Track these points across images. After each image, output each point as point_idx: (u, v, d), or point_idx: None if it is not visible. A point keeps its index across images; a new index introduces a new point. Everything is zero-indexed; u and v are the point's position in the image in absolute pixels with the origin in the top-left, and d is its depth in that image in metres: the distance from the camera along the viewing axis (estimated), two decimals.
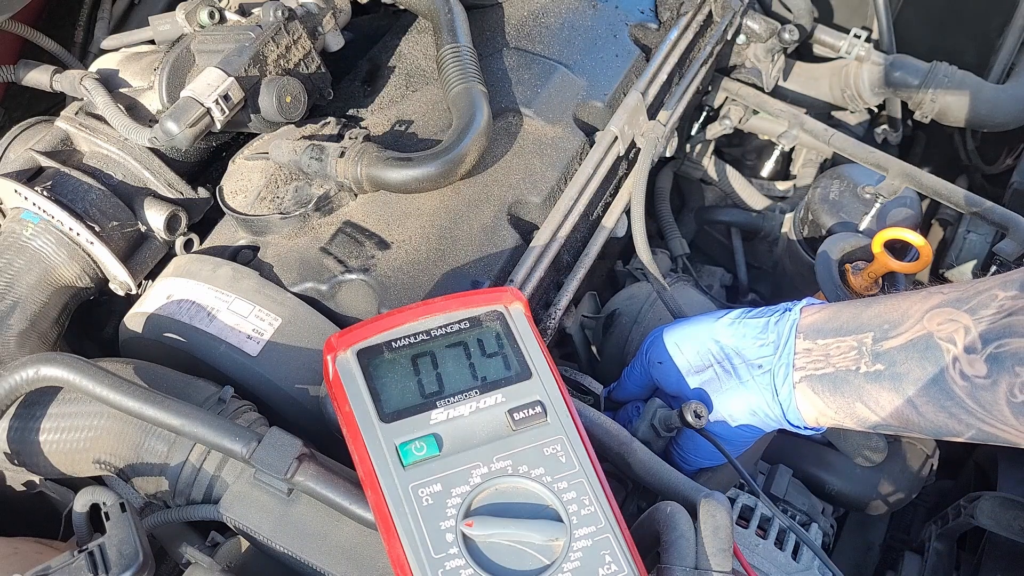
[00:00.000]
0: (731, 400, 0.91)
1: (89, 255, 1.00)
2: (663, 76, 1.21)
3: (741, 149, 1.79)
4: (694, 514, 0.76)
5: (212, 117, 0.93)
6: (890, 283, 1.19)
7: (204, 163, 1.15)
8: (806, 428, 0.91)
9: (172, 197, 1.07)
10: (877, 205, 1.37)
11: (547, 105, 1.12)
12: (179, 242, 1.07)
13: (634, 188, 1.13)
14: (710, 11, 1.34)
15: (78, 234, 0.98)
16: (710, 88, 1.55)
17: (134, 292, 1.04)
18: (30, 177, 1.02)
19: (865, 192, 1.40)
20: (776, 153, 1.74)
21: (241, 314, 0.93)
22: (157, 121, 0.95)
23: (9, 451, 0.83)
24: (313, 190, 1.01)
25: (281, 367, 0.91)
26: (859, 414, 0.85)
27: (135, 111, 1.04)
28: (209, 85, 0.93)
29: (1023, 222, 1.26)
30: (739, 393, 0.91)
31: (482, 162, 1.04)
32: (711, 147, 1.67)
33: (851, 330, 0.85)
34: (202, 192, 1.10)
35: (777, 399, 0.88)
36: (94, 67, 1.11)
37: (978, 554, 1.21)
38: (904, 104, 1.67)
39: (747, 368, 0.91)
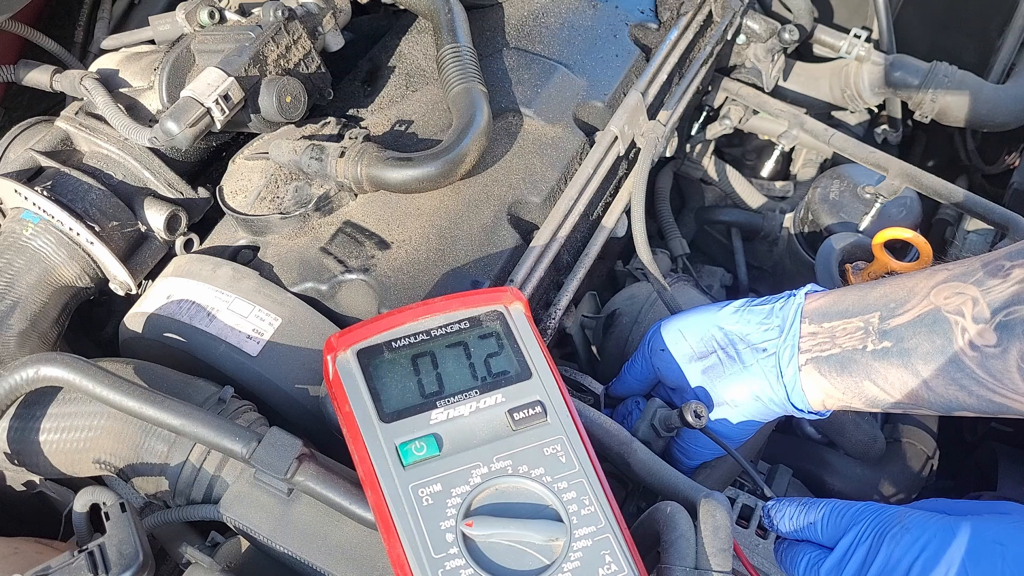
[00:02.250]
0: (734, 385, 0.91)
1: (89, 255, 1.00)
2: (663, 76, 1.21)
3: (741, 149, 1.79)
4: (694, 514, 0.76)
5: (212, 117, 0.93)
6: None
7: (204, 163, 1.15)
8: (811, 412, 0.91)
9: (172, 197, 1.07)
10: (877, 205, 1.37)
11: (547, 105, 1.12)
12: (179, 242, 1.07)
13: (634, 188, 1.13)
14: (710, 11, 1.34)
15: (78, 234, 0.98)
16: (710, 88, 1.55)
17: (134, 292, 1.04)
18: (30, 177, 1.02)
19: (865, 192, 1.40)
20: (776, 153, 1.74)
21: (241, 314, 0.93)
22: (157, 121, 0.95)
23: (9, 451, 0.84)
24: (313, 190, 1.01)
25: (281, 367, 0.91)
26: (868, 393, 0.85)
27: (135, 111, 1.04)
28: (209, 85, 0.93)
29: (1023, 222, 1.26)
30: (742, 378, 0.91)
31: (482, 162, 1.04)
32: (711, 147, 1.67)
33: (857, 311, 0.85)
34: (202, 192, 1.10)
35: (781, 381, 0.88)
36: (94, 67, 1.11)
37: None
38: (904, 104, 1.67)
39: (751, 352, 0.91)
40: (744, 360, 0.91)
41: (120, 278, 1.03)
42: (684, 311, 1.00)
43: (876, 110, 1.74)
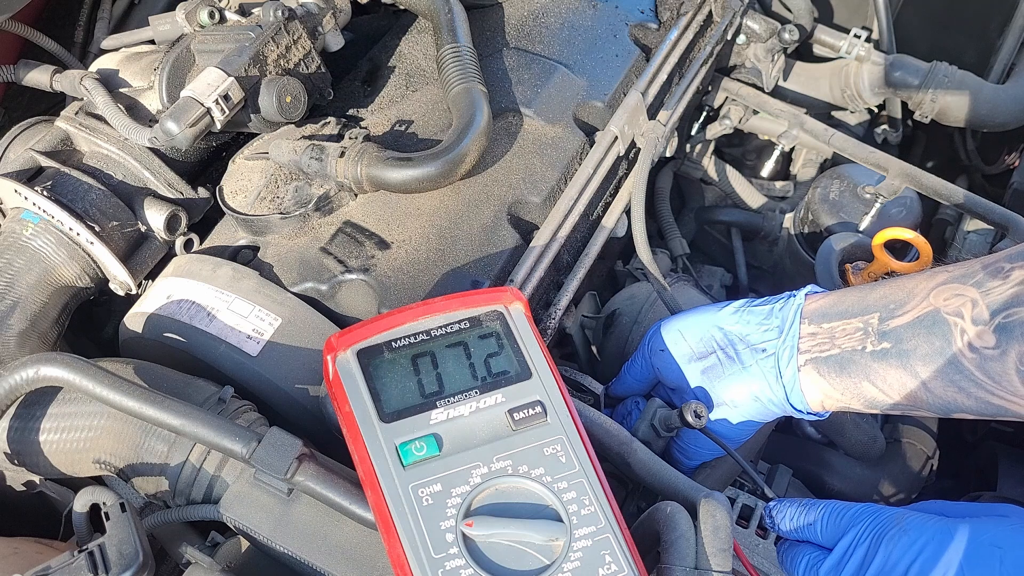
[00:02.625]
0: (733, 385, 0.91)
1: (89, 255, 1.00)
2: (663, 76, 1.21)
3: (741, 149, 1.79)
4: (694, 514, 0.76)
5: (212, 117, 0.93)
6: None
7: (204, 163, 1.15)
8: (810, 413, 0.91)
9: (172, 197, 1.07)
10: (877, 205, 1.37)
11: (547, 105, 1.12)
12: (179, 242, 1.07)
13: (634, 188, 1.13)
14: (710, 11, 1.34)
15: (78, 234, 0.98)
16: (710, 88, 1.55)
17: (134, 292, 1.04)
18: (30, 177, 1.02)
19: (865, 192, 1.40)
20: (776, 153, 1.74)
21: (241, 314, 0.93)
22: (157, 121, 0.95)
23: (9, 451, 0.83)
24: (313, 190, 1.01)
25: (281, 367, 0.91)
26: (866, 394, 0.85)
27: (135, 111, 1.04)
28: (209, 85, 0.93)
29: (1023, 222, 1.27)
30: (741, 378, 0.91)
31: (482, 162, 1.04)
32: (711, 147, 1.67)
33: (856, 312, 0.85)
34: (202, 192, 1.10)
35: (780, 382, 0.88)
36: (94, 67, 1.11)
37: None
38: (904, 104, 1.67)
39: (750, 352, 0.91)
40: (743, 360, 0.91)
41: (120, 278, 1.03)
42: (684, 311, 1.00)
43: (876, 110, 1.74)
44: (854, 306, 0.86)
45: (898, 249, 1.23)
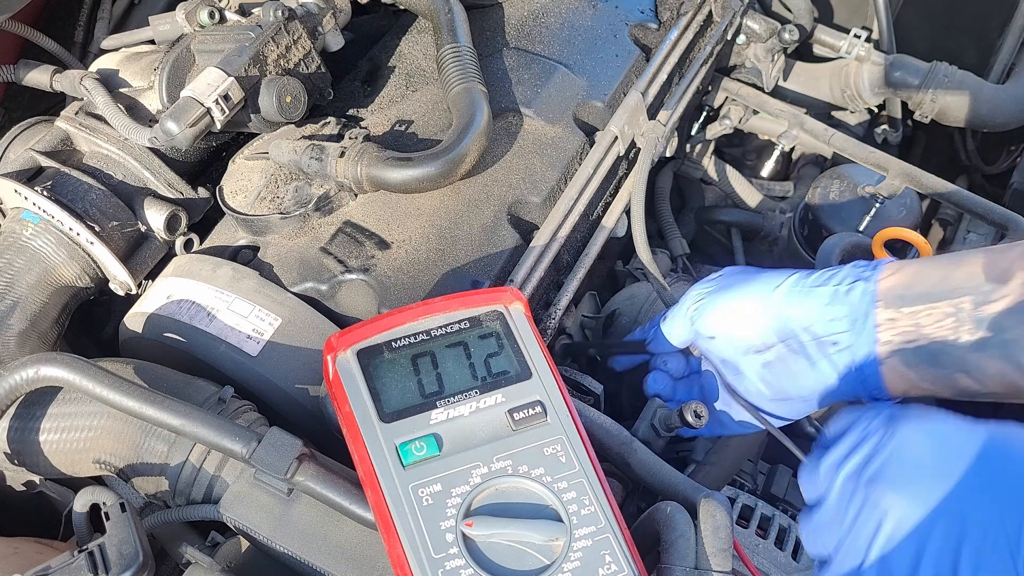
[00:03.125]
0: (801, 383, 0.84)
1: (89, 255, 1.00)
2: (663, 76, 1.21)
3: (741, 149, 1.79)
4: (694, 514, 0.76)
5: (212, 117, 0.93)
6: None
7: (204, 163, 1.15)
8: (887, 399, 0.82)
9: (172, 197, 1.07)
10: (877, 205, 1.37)
11: (547, 105, 1.12)
12: (179, 242, 1.07)
13: (634, 188, 1.13)
14: (710, 11, 1.34)
15: (78, 234, 0.98)
16: (710, 88, 1.55)
17: (134, 292, 1.04)
18: (30, 177, 1.02)
19: (865, 192, 1.41)
20: (776, 153, 1.75)
21: (241, 314, 0.93)
22: (157, 121, 0.95)
23: (9, 451, 0.84)
24: (313, 190, 1.01)
25: (281, 367, 0.91)
26: (960, 385, 0.76)
27: (135, 111, 1.04)
28: (209, 85, 0.93)
29: (1023, 222, 1.27)
30: (811, 376, 0.83)
31: (482, 162, 1.04)
32: (711, 147, 1.67)
33: (943, 294, 0.76)
34: (202, 192, 1.10)
35: (858, 376, 0.80)
36: (94, 67, 1.11)
37: None
38: (904, 104, 1.67)
39: (818, 346, 0.82)
40: (811, 356, 0.82)
41: (120, 278, 1.03)
42: (730, 287, 0.89)
43: (876, 110, 1.74)
44: (938, 286, 0.76)
45: (898, 249, 1.23)
